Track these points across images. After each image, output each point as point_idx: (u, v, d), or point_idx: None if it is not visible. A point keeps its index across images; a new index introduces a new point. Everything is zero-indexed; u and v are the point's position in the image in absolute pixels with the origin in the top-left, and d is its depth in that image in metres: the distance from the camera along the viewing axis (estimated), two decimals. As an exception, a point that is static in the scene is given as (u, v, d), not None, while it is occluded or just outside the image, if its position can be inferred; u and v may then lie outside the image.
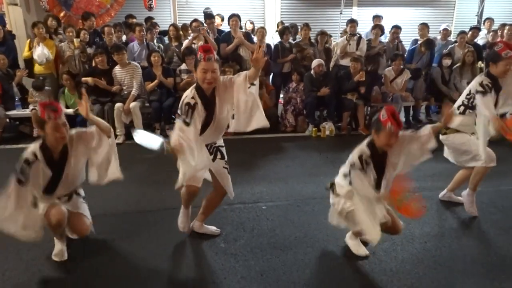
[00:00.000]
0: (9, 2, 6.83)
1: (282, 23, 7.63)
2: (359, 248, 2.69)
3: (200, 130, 2.51)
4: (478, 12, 8.75)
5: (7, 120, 5.75)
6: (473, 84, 3.03)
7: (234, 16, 6.01)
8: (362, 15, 8.73)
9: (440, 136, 3.12)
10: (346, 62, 6.11)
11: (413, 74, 6.11)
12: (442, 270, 2.54)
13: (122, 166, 2.66)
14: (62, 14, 7.13)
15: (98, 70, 5.50)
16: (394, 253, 2.71)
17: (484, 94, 2.89)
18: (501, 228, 3.06)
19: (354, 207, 2.41)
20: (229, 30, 6.13)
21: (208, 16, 6.39)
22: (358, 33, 6.40)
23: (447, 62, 6.14)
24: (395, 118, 2.30)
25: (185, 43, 5.92)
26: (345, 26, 6.78)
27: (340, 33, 7.48)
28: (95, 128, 2.51)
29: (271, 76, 6.49)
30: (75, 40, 5.84)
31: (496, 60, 2.89)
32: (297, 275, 2.47)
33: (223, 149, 2.74)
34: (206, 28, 5.88)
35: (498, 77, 2.92)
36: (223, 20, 7.23)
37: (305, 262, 2.61)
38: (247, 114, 2.45)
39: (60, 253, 2.60)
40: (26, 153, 2.39)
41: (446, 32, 6.92)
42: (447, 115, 2.51)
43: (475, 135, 3.03)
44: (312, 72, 5.82)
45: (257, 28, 6.41)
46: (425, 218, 3.19)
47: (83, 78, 5.44)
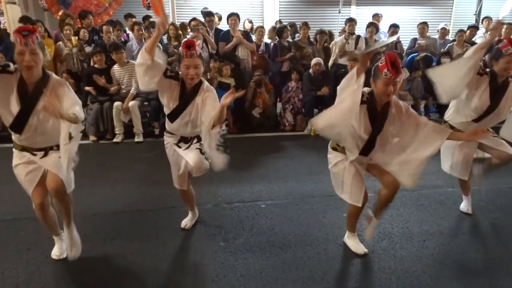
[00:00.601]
0: (7, 0, 6.79)
1: (280, 22, 7.63)
2: (358, 247, 2.70)
3: (170, 116, 2.61)
4: (476, 11, 8.76)
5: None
6: None
7: (233, 15, 5.99)
8: (360, 14, 8.73)
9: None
10: (345, 61, 6.11)
11: (423, 64, 6.07)
12: (440, 268, 2.55)
13: (121, 166, 2.66)
14: (60, 13, 7.11)
15: (96, 69, 5.49)
16: (393, 251, 2.72)
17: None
18: (499, 226, 3.08)
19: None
20: (228, 29, 6.12)
21: (207, 14, 6.38)
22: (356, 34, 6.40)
23: (445, 61, 6.14)
24: (393, 65, 2.18)
25: (183, 42, 5.90)
26: (343, 25, 6.78)
27: (339, 32, 7.47)
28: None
29: (270, 75, 6.49)
30: (73, 38, 5.83)
31: (497, 57, 2.81)
32: (296, 273, 2.48)
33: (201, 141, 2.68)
34: (205, 28, 5.87)
35: (499, 74, 2.83)
36: (220, 19, 7.22)
37: (304, 260, 2.62)
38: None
39: (59, 251, 2.60)
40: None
41: (444, 31, 6.94)
42: (475, 134, 2.43)
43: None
44: (310, 71, 5.83)
45: (255, 27, 6.40)
46: (423, 216, 3.22)
47: (86, 88, 5.44)
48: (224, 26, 6.56)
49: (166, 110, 2.65)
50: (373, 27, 6.47)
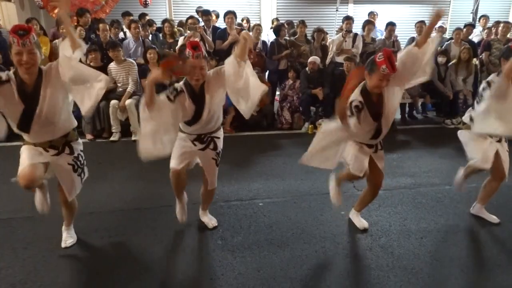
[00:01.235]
0: (2, -2, 6.77)
1: (277, 20, 7.61)
2: (360, 222, 2.96)
3: (190, 122, 2.57)
4: (473, 9, 8.78)
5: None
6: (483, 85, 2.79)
7: (230, 13, 5.98)
8: (358, 12, 8.73)
9: (458, 131, 3.02)
10: (342, 59, 6.11)
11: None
12: (438, 265, 2.56)
13: (118, 164, 2.65)
14: (56, 11, 7.06)
15: (91, 67, 5.44)
16: (391, 248, 2.73)
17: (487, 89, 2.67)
18: (495, 224, 3.08)
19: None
20: (225, 27, 6.11)
21: (205, 12, 6.36)
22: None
23: (441, 60, 6.15)
24: (390, 62, 2.27)
25: (180, 40, 5.89)
26: (341, 23, 6.78)
27: (336, 30, 7.47)
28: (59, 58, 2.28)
29: (267, 73, 6.48)
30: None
31: (507, 55, 2.60)
32: (294, 271, 2.48)
33: (218, 140, 2.73)
34: (202, 27, 5.85)
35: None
36: (218, 17, 7.20)
37: (302, 258, 2.62)
38: (246, 91, 2.45)
39: (41, 201, 2.57)
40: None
41: (442, 30, 6.94)
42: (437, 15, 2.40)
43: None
44: (307, 69, 5.82)
45: (252, 25, 6.38)
46: (421, 214, 3.22)
47: None
48: (222, 24, 6.54)
49: (184, 120, 2.58)
50: (370, 25, 6.47)
